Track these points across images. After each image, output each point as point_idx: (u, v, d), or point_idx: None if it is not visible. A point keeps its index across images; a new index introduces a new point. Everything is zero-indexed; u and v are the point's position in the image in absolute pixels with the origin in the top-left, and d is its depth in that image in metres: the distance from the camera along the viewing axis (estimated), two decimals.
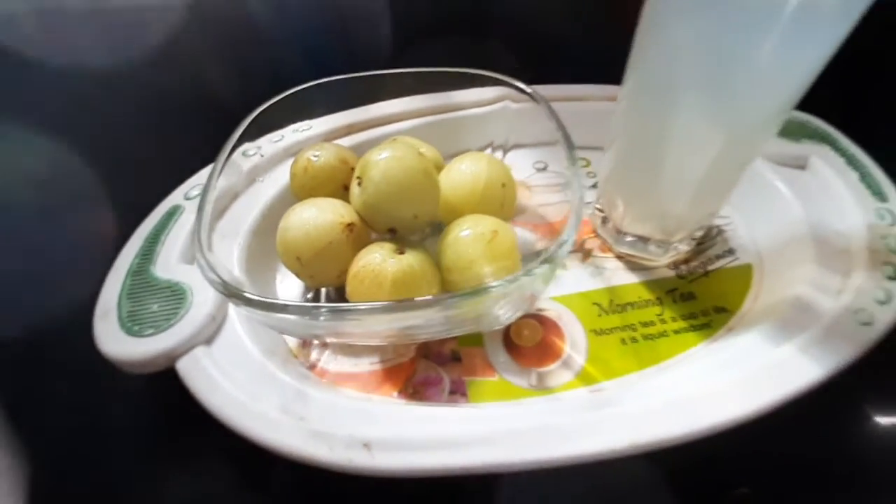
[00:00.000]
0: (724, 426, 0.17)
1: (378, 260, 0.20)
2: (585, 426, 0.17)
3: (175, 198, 0.25)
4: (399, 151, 0.21)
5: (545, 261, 0.17)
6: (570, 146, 0.21)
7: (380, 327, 0.19)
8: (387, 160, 0.20)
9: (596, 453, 0.17)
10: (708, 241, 0.27)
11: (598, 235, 0.27)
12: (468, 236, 0.20)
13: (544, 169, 0.31)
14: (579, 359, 0.22)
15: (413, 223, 0.21)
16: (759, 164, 0.27)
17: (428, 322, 0.18)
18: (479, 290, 0.17)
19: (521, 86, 0.24)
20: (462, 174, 0.23)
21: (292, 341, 0.23)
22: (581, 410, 0.18)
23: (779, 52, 0.17)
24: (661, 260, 0.25)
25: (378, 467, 0.16)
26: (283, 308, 0.17)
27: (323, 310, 0.18)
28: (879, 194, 0.24)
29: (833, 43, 0.17)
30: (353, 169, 0.23)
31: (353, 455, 0.17)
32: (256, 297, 0.17)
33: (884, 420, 0.21)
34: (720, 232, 0.27)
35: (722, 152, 0.20)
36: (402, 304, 0.17)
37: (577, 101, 0.30)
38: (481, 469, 0.17)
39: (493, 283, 0.16)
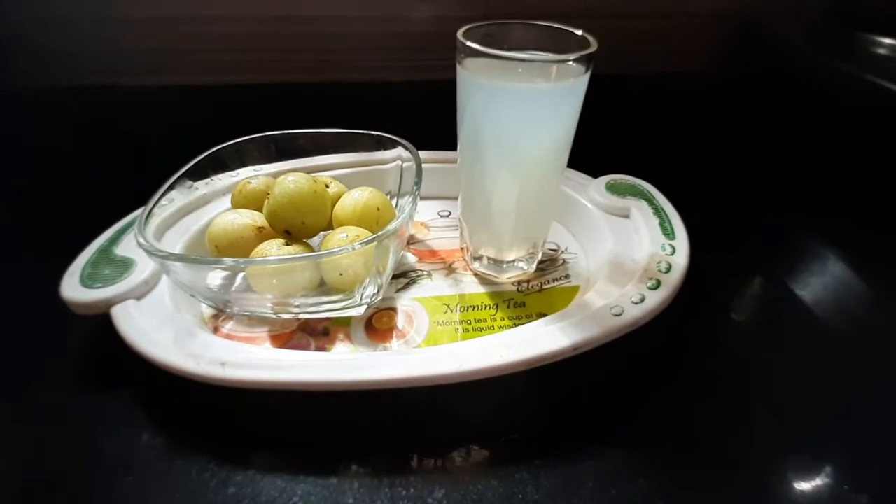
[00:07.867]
0: (489, 372, 0.23)
1: (268, 247, 0.28)
2: (386, 362, 0.24)
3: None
4: (297, 176, 0.29)
5: (361, 244, 0.24)
6: (418, 185, 0.29)
7: (258, 294, 0.26)
8: (285, 181, 0.29)
9: (386, 380, 0.23)
10: (551, 267, 0.34)
11: (463, 258, 0.34)
12: (337, 238, 0.28)
13: (448, 215, 0.39)
14: (418, 338, 0.28)
15: (302, 228, 0.29)
16: (597, 213, 0.35)
17: (290, 286, 0.26)
18: (316, 254, 0.24)
19: (406, 143, 0.33)
20: (350, 198, 0.31)
21: (207, 311, 0.30)
22: (394, 356, 0.25)
23: (535, 127, 0.25)
24: (503, 277, 0.32)
25: (227, 377, 0.23)
26: (179, 257, 0.25)
27: (209, 263, 0.25)
28: (669, 233, 0.31)
29: (569, 118, 0.25)
30: None
31: (212, 369, 0.23)
32: (158, 249, 0.24)
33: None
34: (564, 262, 0.34)
35: (521, 193, 0.28)
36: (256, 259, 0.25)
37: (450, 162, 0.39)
38: (302, 385, 0.23)
39: (320, 252, 0.24)
